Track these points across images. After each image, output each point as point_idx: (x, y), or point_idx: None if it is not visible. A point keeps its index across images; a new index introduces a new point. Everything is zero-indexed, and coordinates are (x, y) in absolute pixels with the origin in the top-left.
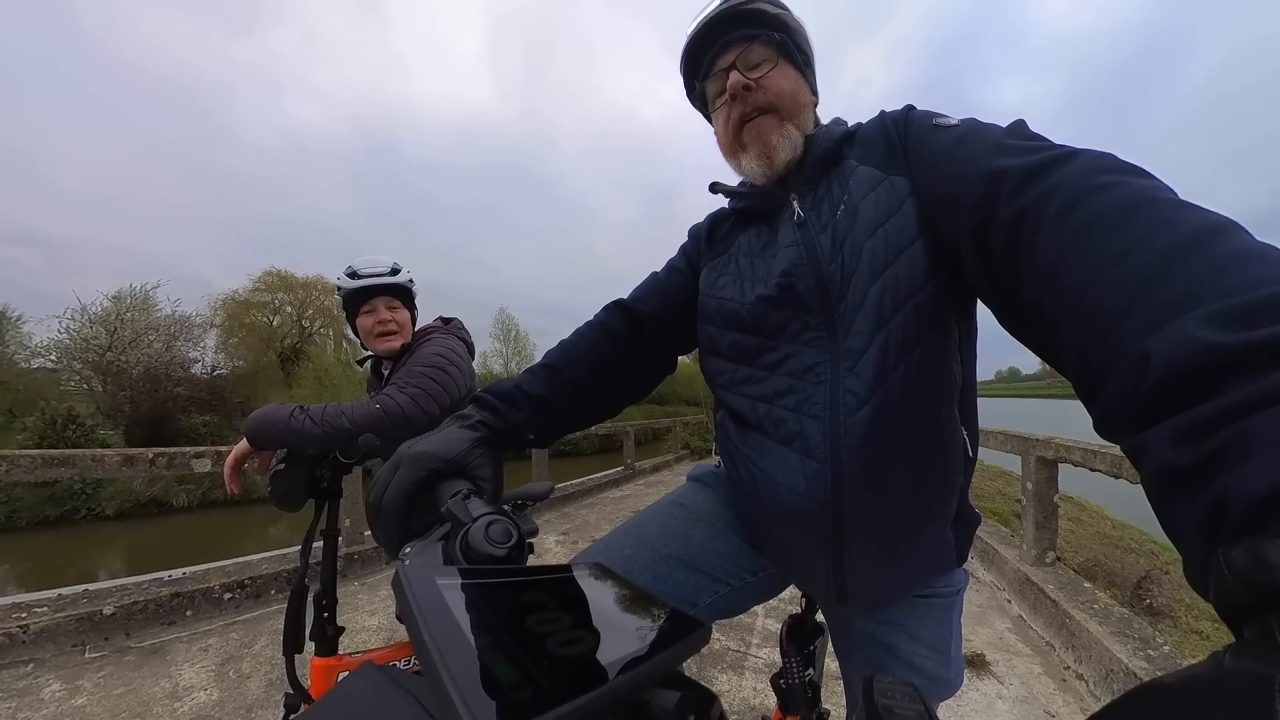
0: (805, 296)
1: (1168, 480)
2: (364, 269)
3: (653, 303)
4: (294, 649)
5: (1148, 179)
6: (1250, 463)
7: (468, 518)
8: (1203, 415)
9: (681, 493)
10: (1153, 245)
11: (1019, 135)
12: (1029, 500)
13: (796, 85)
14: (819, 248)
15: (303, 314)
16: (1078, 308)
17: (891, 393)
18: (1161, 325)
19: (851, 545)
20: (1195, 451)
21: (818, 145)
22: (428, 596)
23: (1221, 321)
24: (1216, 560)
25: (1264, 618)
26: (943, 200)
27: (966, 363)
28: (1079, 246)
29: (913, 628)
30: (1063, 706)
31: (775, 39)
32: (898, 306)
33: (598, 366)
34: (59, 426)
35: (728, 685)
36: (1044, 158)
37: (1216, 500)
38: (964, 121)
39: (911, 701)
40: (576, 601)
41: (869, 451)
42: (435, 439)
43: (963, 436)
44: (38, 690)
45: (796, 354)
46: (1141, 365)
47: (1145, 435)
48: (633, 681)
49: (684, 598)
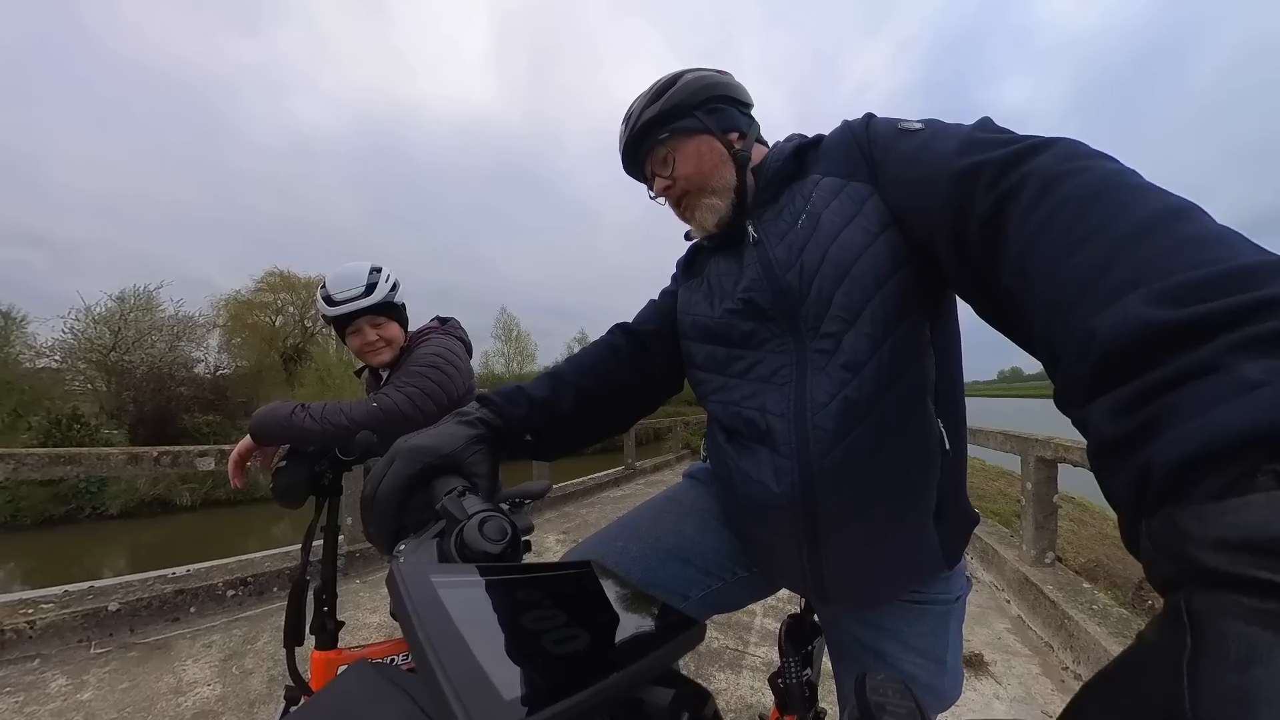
0: (766, 307)
1: (1105, 452)
2: (338, 293)
3: (653, 322)
4: (294, 641)
5: (1116, 164)
6: (1170, 432)
7: (462, 514)
8: (1137, 389)
9: (676, 489)
10: (1111, 229)
11: (988, 130)
12: (1028, 500)
13: (699, 159)
14: (774, 260)
15: (305, 314)
16: (1044, 292)
17: (862, 388)
18: (1113, 301)
19: (828, 540)
20: (1129, 424)
21: (767, 170)
22: (422, 593)
23: (1163, 298)
24: (1141, 531)
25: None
26: (914, 203)
27: (943, 356)
28: (1045, 233)
29: (904, 634)
30: (1060, 707)
31: (668, 133)
32: (864, 304)
33: (603, 378)
34: (64, 426)
35: (725, 683)
36: (1020, 147)
37: (1141, 470)
38: (928, 123)
39: (903, 699)
40: (572, 599)
41: (839, 447)
42: (432, 434)
43: (939, 430)
44: (44, 685)
45: (762, 360)
46: (1088, 342)
47: (1089, 408)
48: (627, 679)
49: (676, 590)
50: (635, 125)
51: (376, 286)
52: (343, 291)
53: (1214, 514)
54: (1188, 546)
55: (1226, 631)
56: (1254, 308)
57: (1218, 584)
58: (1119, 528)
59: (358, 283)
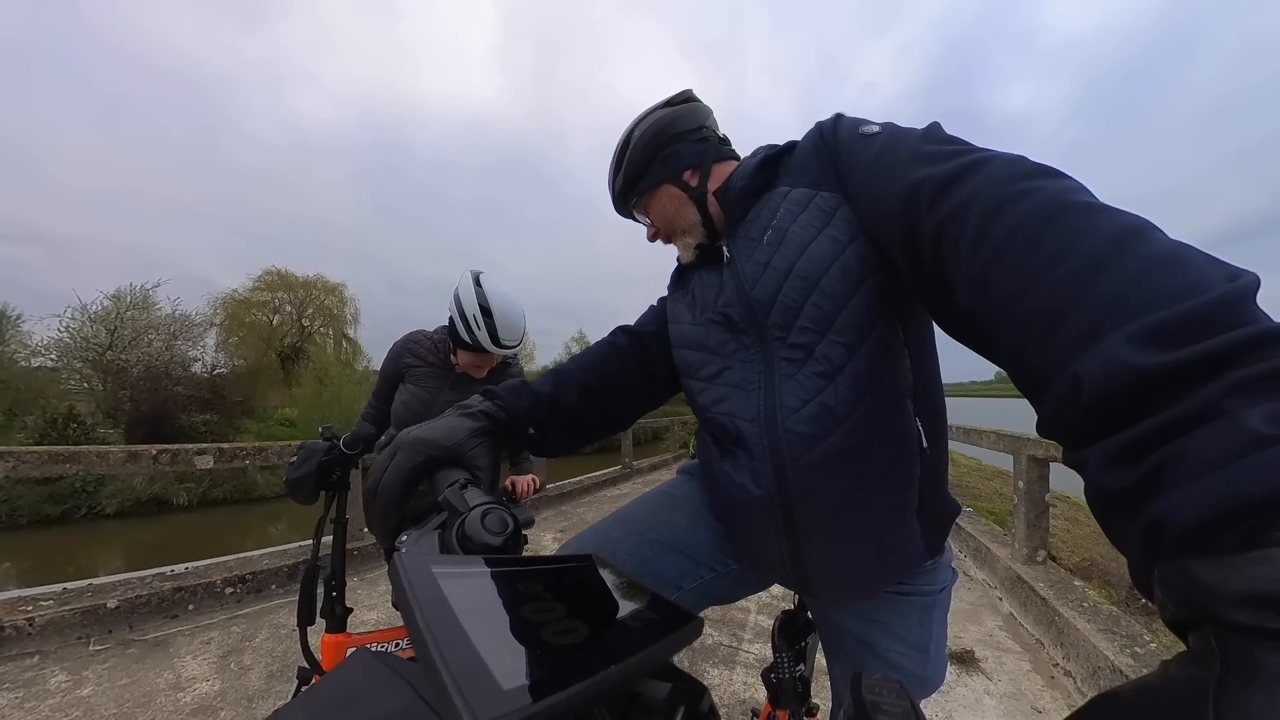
0: (738, 322)
1: (1109, 502)
2: (506, 338)
3: (653, 323)
4: (307, 621)
5: (1063, 180)
6: (1181, 489)
7: (464, 507)
8: (1133, 437)
9: (670, 484)
10: (1073, 254)
11: (934, 140)
12: (1020, 499)
13: (664, 209)
14: (744, 276)
15: (302, 313)
16: (1010, 316)
17: (837, 393)
18: (1089, 344)
19: (808, 538)
20: (1130, 475)
21: (732, 189)
22: (423, 584)
23: (1144, 342)
24: (1155, 578)
25: (1204, 629)
26: (873, 211)
27: (919, 356)
28: (1005, 257)
29: (892, 625)
30: (1050, 703)
31: (635, 196)
32: (835, 313)
33: (608, 375)
34: (59, 425)
35: (719, 679)
36: (956, 165)
37: (1153, 522)
38: (884, 128)
39: (899, 698)
40: (571, 592)
41: (814, 450)
42: (435, 426)
43: (917, 429)
44: (44, 681)
45: (732, 367)
46: (1074, 387)
47: (1084, 454)
48: (625, 672)
49: (669, 580)
50: (614, 196)
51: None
52: (509, 340)
53: (1233, 567)
54: (1208, 599)
55: (1259, 658)
56: (1242, 348)
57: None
58: (1129, 570)
59: (520, 334)
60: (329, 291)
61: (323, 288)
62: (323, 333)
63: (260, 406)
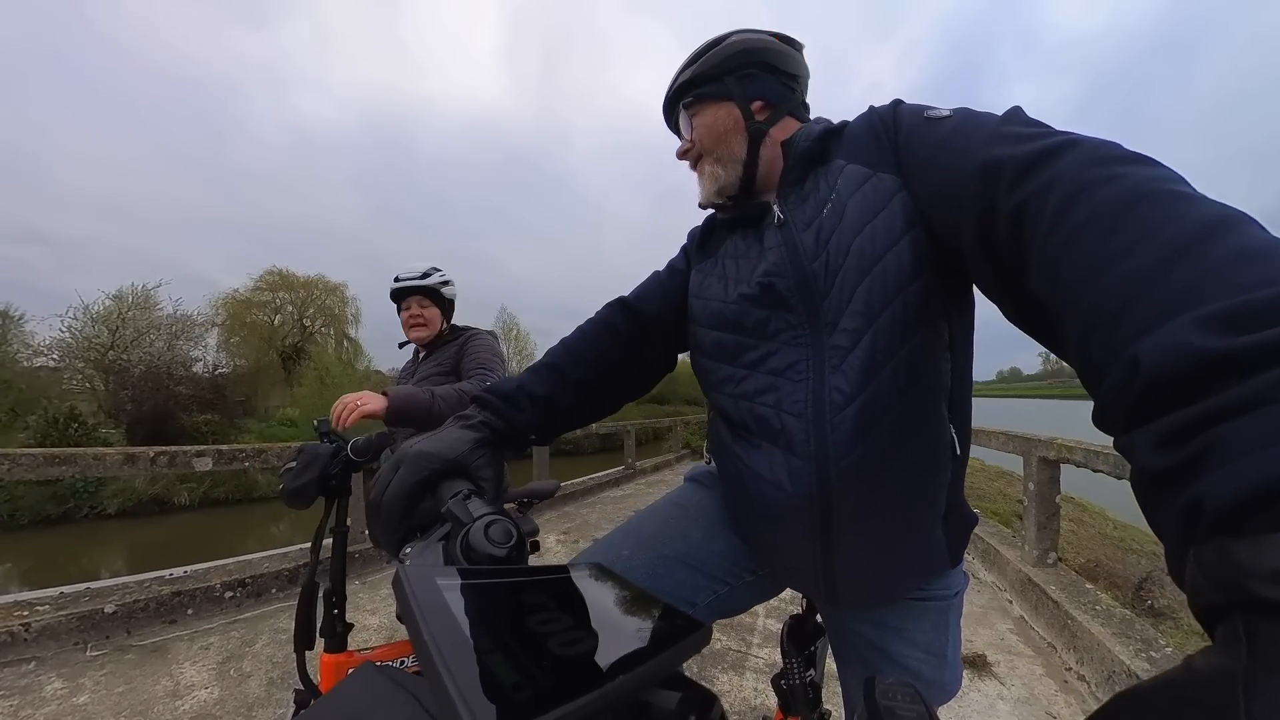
0: (786, 295)
1: (1150, 482)
2: (403, 274)
3: (654, 300)
4: (305, 645)
5: (1152, 168)
6: (1223, 469)
7: (468, 518)
8: (1183, 419)
9: (679, 493)
10: (1152, 242)
11: (1016, 122)
12: (1031, 501)
13: (713, 125)
14: (801, 246)
15: (304, 313)
16: (1078, 305)
17: (880, 390)
18: (1155, 327)
19: (841, 542)
20: (1175, 455)
21: (796, 147)
22: (428, 597)
23: (1211, 325)
24: (1190, 559)
25: (1233, 618)
26: (941, 194)
27: (958, 361)
28: (1079, 242)
29: (908, 630)
30: (1064, 708)
31: (693, 98)
32: (886, 303)
33: (600, 365)
34: (61, 425)
35: (728, 685)
36: (1042, 146)
37: (1191, 503)
38: (956, 112)
39: (913, 703)
40: (577, 602)
41: (858, 448)
42: (437, 438)
43: (950, 434)
44: (39, 688)
45: (777, 351)
46: (1131, 367)
47: (1132, 436)
48: (633, 682)
49: (683, 597)
50: (672, 86)
51: (430, 276)
52: (407, 274)
53: (1268, 545)
54: (1242, 576)
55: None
56: None
57: (1272, 613)
58: (1165, 555)
59: (418, 271)
60: (330, 291)
61: (324, 288)
62: (324, 332)
63: (261, 406)
